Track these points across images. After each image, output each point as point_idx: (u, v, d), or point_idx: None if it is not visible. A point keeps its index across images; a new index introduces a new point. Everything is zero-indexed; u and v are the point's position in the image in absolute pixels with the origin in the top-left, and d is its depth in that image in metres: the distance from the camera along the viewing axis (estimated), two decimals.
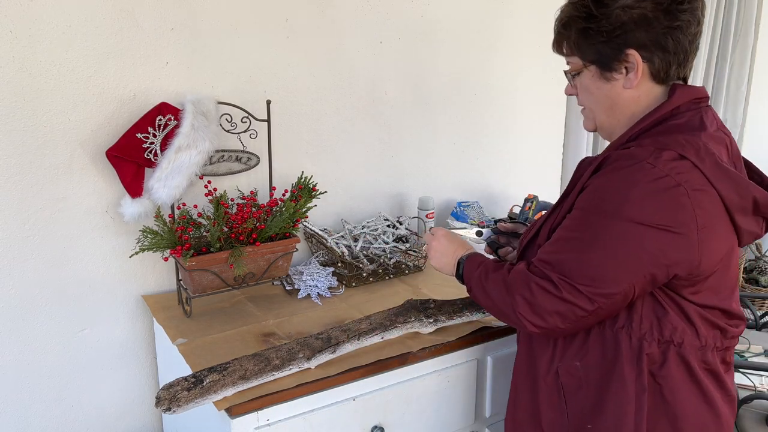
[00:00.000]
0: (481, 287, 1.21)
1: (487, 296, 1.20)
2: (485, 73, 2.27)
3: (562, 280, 1.07)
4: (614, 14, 1.07)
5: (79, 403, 1.72)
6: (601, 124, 1.19)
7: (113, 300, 1.72)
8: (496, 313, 1.20)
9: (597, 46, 1.10)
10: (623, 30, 1.07)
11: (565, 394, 1.18)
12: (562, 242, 1.10)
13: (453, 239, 1.38)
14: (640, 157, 1.03)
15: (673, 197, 1.00)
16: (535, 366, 1.24)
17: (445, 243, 1.37)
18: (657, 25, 1.06)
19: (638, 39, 1.07)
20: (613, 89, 1.13)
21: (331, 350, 1.34)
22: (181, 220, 1.56)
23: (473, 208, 2.24)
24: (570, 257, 1.08)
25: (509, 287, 1.14)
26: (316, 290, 1.73)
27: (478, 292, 1.23)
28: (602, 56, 1.11)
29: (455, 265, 1.32)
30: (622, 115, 1.15)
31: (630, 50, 1.08)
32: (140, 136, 1.56)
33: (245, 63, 1.77)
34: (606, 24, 1.07)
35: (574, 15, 1.11)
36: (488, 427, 1.63)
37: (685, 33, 1.07)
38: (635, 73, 1.09)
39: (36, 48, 1.49)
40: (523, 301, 1.11)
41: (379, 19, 1.98)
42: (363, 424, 1.39)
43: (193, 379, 1.20)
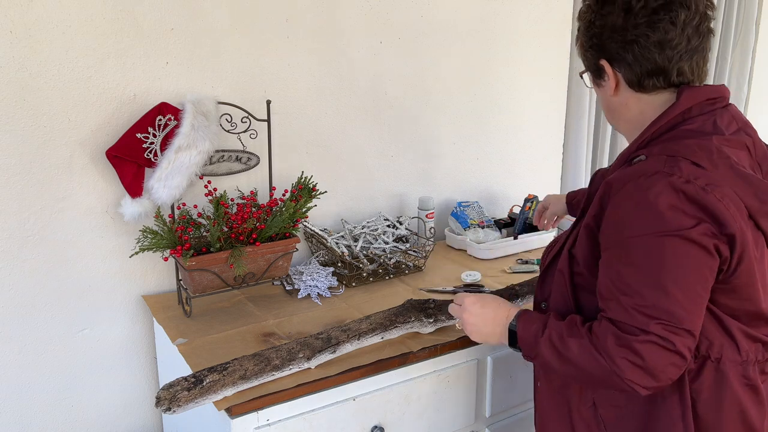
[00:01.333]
0: (557, 355, 1.07)
1: (567, 364, 1.07)
2: (485, 73, 2.27)
3: (665, 328, 0.98)
4: (589, 25, 1.13)
5: (79, 403, 1.72)
6: (610, 124, 1.27)
7: (113, 300, 1.72)
8: (584, 380, 1.10)
9: (584, 54, 1.17)
10: (594, 42, 1.12)
11: (606, 427, 1.13)
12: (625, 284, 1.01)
13: (486, 303, 1.24)
14: (653, 168, 1.01)
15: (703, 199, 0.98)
16: (566, 396, 1.18)
17: (479, 311, 1.23)
18: (617, 38, 1.09)
19: (608, 50, 1.11)
20: (605, 95, 1.17)
21: (331, 350, 1.34)
22: (181, 220, 1.56)
23: (473, 208, 2.23)
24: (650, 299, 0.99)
25: (604, 352, 1.01)
26: (316, 290, 1.73)
27: (552, 360, 1.08)
28: (589, 64, 1.17)
29: (505, 335, 1.18)
30: (618, 118, 1.18)
31: (602, 61, 1.12)
32: (140, 136, 1.56)
33: (245, 63, 1.77)
34: (583, 36, 1.15)
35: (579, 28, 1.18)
36: (488, 427, 1.63)
37: (644, 45, 1.06)
38: (610, 82, 1.13)
39: (36, 48, 1.49)
40: (630, 365, 0.98)
41: (379, 19, 1.98)
42: (363, 424, 1.39)
43: (193, 379, 1.20)
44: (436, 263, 2.00)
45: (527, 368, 1.64)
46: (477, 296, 1.27)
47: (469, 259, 2.06)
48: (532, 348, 1.12)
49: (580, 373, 1.06)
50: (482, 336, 1.24)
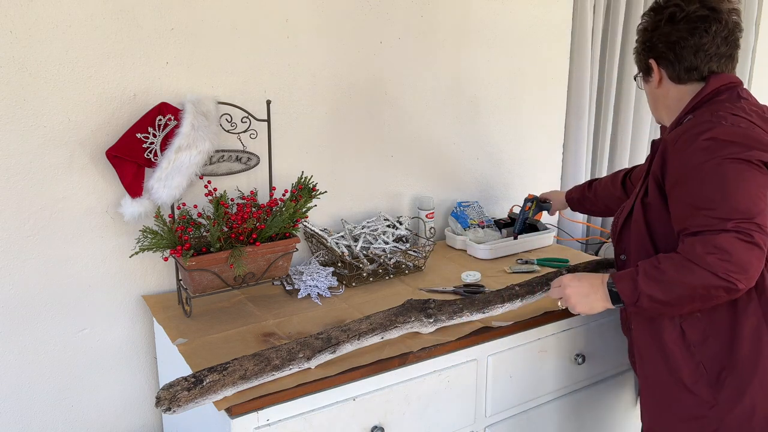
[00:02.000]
0: (658, 283, 1.24)
1: (669, 287, 1.23)
2: (485, 73, 2.27)
3: (739, 224, 1.18)
4: (643, 31, 1.43)
5: (79, 403, 1.72)
6: (653, 115, 1.51)
7: (113, 300, 1.72)
8: (689, 296, 1.23)
9: (638, 57, 1.47)
10: (646, 45, 1.42)
11: (694, 346, 1.33)
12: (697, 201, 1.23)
13: (581, 276, 1.41)
14: (703, 119, 1.28)
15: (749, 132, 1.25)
16: (658, 330, 1.38)
17: (578, 283, 1.40)
18: (663, 41, 1.37)
19: (656, 51, 1.40)
20: (650, 88, 1.46)
21: (331, 350, 1.34)
22: (181, 220, 1.56)
23: (473, 208, 2.24)
24: (721, 204, 1.20)
25: (694, 258, 1.20)
26: (316, 290, 1.73)
27: (654, 291, 1.25)
28: (640, 65, 1.47)
29: (607, 296, 1.34)
30: (660, 107, 1.46)
31: (651, 60, 1.42)
32: (140, 136, 1.56)
33: (245, 63, 1.77)
34: (641, 42, 1.44)
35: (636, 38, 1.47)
36: (488, 427, 1.63)
37: (683, 47, 1.35)
38: (655, 77, 1.42)
39: (36, 48, 1.49)
40: (719, 261, 1.17)
41: (379, 19, 1.98)
42: (363, 424, 1.39)
43: (193, 379, 1.20)
44: (436, 263, 2.00)
45: (527, 368, 1.65)
46: (572, 274, 1.46)
47: (469, 259, 2.06)
48: (633, 291, 1.27)
49: (682, 290, 1.22)
50: (588, 303, 1.38)
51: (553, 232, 2.20)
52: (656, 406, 1.44)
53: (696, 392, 1.34)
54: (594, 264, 1.78)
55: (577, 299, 1.39)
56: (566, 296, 1.41)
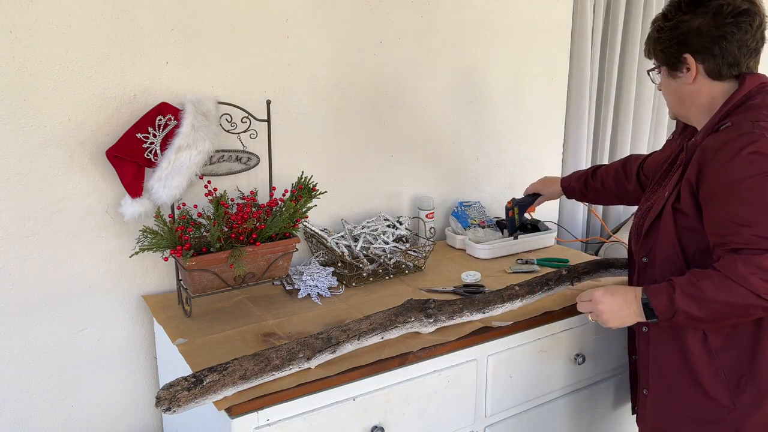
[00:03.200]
0: (695, 300, 1.23)
1: (708, 304, 1.22)
2: (485, 73, 2.27)
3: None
4: (675, 26, 1.34)
5: (79, 403, 1.72)
6: (676, 113, 1.45)
7: (113, 300, 1.72)
8: (727, 314, 1.23)
9: (665, 51, 1.37)
10: (681, 39, 1.33)
11: (715, 352, 1.33)
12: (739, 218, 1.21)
13: (613, 291, 1.39)
14: (744, 129, 1.24)
15: None
16: (678, 334, 1.36)
17: (611, 299, 1.37)
18: (706, 35, 1.30)
19: (693, 45, 1.32)
20: (679, 85, 1.39)
21: (331, 350, 1.34)
22: (181, 220, 1.56)
23: (474, 208, 2.24)
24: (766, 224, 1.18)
25: (736, 278, 1.19)
26: (316, 290, 1.73)
27: (691, 308, 1.24)
28: (668, 59, 1.37)
29: (640, 311, 1.33)
30: (690, 105, 1.39)
31: (686, 54, 1.33)
32: (140, 136, 1.56)
33: (245, 63, 1.77)
34: (670, 33, 1.35)
35: (653, 28, 1.40)
36: (488, 427, 1.63)
37: (730, 41, 1.29)
38: (691, 73, 1.34)
39: (36, 48, 1.49)
40: (760, 281, 1.17)
41: (379, 19, 1.98)
42: (363, 424, 1.39)
43: (193, 379, 1.20)
44: (436, 263, 2.00)
45: (527, 368, 1.65)
46: (603, 287, 1.41)
47: (469, 259, 2.06)
48: (670, 308, 1.27)
49: (721, 308, 1.22)
50: (621, 319, 1.37)
51: (553, 233, 2.20)
52: (669, 407, 1.43)
53: (714, 396, 1.34)
54: (594, 264, 1.78)
55: (610, 315, 1.37)
56: (598, 311, 1.39)
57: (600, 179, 1.86)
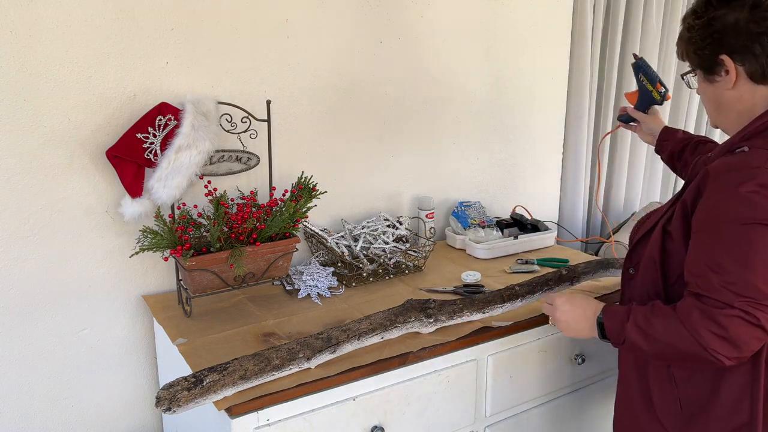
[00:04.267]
0: (644, 335, 1.17)
1: (654, 342, 1.16)
2: (485, 73, 2.27)
3: (750, 304, 1.06)
4: (707, 24, 1.18)
5: (79, 403, 1.72)
6: (714, 121, 1.29)
7: (113, 300, 1.72)
8: (670, 356, 1.17)
9: (698, 53, 1.22)
10: (716, 38, 1.18)
11: (677, 384, 1.25)
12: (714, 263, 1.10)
13: (575, 302, 1.34)
14: (754, 161, 1.10)
15: None
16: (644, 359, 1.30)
17: (570, 309, 1.34)
18: (744, 32, 1.14)
19: (730, 45, 1.16)
20: (717, 90, 1.23)
21: (331, 350, 1.34)
22: (181, 220, 1.56)
23: (474, 208, 2.24)
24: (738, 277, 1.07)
25: (688, 325, 1.10)
26: (316, 290, 1.73)
27: (639, 341, 1.18)
28: (703, 62, 1.22)
29: (594, 327, 1.29)
30: (729, 112, 1.23)
31: (723, 56, 1.17)
32: (140, 136, 1.56)
33: (245, 63, 1.77)
34: (702, 33, 1.19)
35: (683, 27, 1.25)
36: (488, 427, 1.63)
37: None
38: (730, 76, 1.18)
39: (36, 48, 1.49)
40: (713, 336, 1.08)
41: (379, 19, 1.98)
42: (363, 424, 1.39)
43: (193, 379, 1.20)
44: (436, 263, 2.00)
45: (527, 368, 1.65)
46: (567, 296, 1.37)
47: (469, 259, 2.06)
48: (620, 334, 1.22)
49: (665, 348, 1.15)
50: (574, 331, 1.35)
51: (553, 233, 2.20)
52: (624, 427, 1.40)
53: (666, 426, 1.27)
54: (594, 264, 1.78)
55: (565, 325, 1.36)
56: (555, 318, 1.37)
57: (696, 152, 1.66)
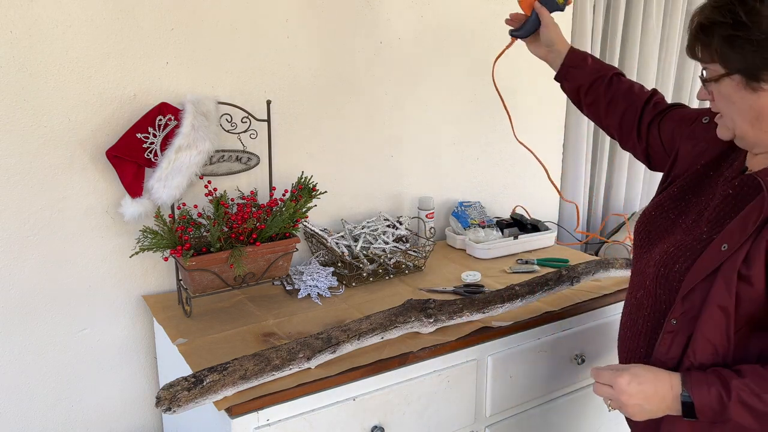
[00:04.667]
0: (754, 415, 1.00)
1: None
2: (485, 73, 2.26)
3: None
4: (765, 20, 0.97)
5: (79, 403, 1.72)
6: (742, 134, 1.08)
7: (113, 300, 1.72)
8: None
9: (745, 55, 0.99)
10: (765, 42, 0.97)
11: None
12: None
13: (642, 380, 1.08)
14: None
15: None
16: None
17: (638, 389, 1.08)
18: None
19: None
20: (760, 100, 1.02)
21: (331, 350, 1.34)
22: (181, 220, 1.56)
23: (474, 208, 2.23)
24: None
25: None
26: (316, 290, 1.73)
27: (749, 422, 1.01)
28: (750, 66, 1.00)
29: (677, 407, 1.06)
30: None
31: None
32: (140, 136, 1.56)
33: (245, 63, 1.77)
34: (757, 33, 0.97)
35: (719, 20, 1.00)
36: (488, 427, 1.63)
37: None
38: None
39: (36, 48, 1.49)
40: None
41: (379, 19, 1.98)
42: (363, 424, 1.39)
43: (193, 379, 1.20)
44: (436, 263, 2.00)
45: (527, 368, 1.65)
46: (629, 374, 1.09)
47: (469, 259, 2.06)
48: (719, 415, 1.02)
49: None
50: (649, 414, 1.09)
51: (553, 232, 2.20)
52: None
53: None
54: (594, 264, 1.78)
55: (637, 410, 1.08)
56: (621, 403, 1.09)
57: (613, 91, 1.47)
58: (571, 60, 1.51)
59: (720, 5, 1.01)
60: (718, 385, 1.01)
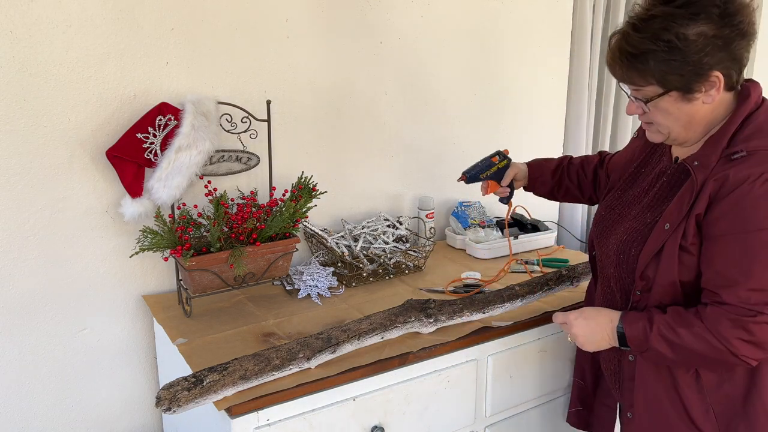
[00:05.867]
0: (669, 344, 1.17)
1: (681, 350, 1.17)
2: (485, 73, 2.27)
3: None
4: (698, 44, 1.09)
5: (79, 403, 1.72)
6: (675, 136, 1.22)
7: (113, 300, 1.72)
8: (697, 362, 1.20)
9: (683, 75, 1.12)
10: (707, 55, 1.10)
11: (707, 391, 1.23)
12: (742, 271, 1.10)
13: (588, 315, 1.32)
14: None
15: None
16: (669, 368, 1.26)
17: (584, 322, 1.31)
18: (733, 43, 1.10)
19: (720, 59, 1.11)
20: (694, 107, 1.16)
21: (331, 350, 1.34)
22: (181, 220, 1.56)
23: (475, 208, 2.23)
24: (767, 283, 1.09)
25: (718, 335, 1.12)
26: (316, 290, 1.73)
27: (664, 350, 1.18)
28: (688, 83, 1.13)
29: (614, 337, 1.26)
30: (699, 126, 1.19)
31: (716, 72, 1.11)
32: (140, 136, 1.56)
33: (245, 63, 1.77)
34: (693, 54, 1.10)
35: (651, 49, 1.11)
36: (488, 427, 1.63)
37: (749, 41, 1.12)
38: (717, 90, 1.13)
39: (36, 48, 1.49)
40: (743, 343, 1.11)
41: (379, 19, 1.98)
42: (363, 424, 1.39)
43: (193, 379, 1.20)
44: (436, 263, 2.00)
45: (527, 368, 1.65)
46: (578, 312, 1.34)
47: (469, 259, 2.06)
48: (643, 344, 1.21)
49: (693, 357, 1.17)
50: (594, 344, 1.31)
51: (553, 232, 2.20)
52: None
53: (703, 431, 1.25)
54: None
55: (584, 339, 1.31)
56: (573, 335, 1.33)
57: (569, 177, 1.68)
58: (535, 173, 1.72)
59: (646, 34, 1.12)
60: (645, 320, 1.21)
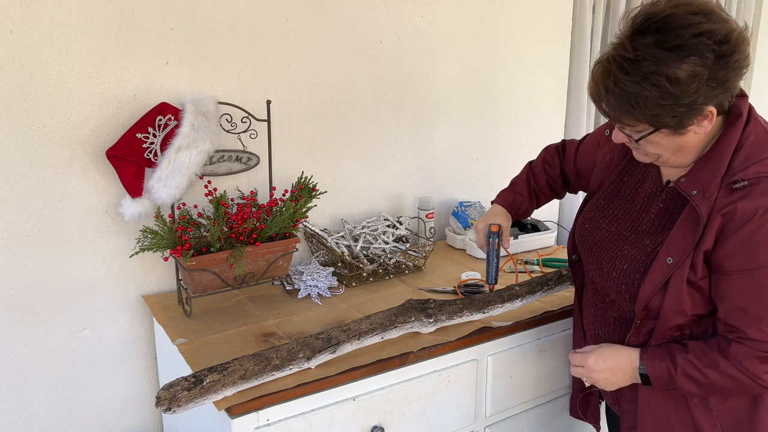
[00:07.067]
0: (698, 385, 1.18)
1: (707, 388, 1.18)
2: (485, 73, 2.27)
3: None
4: (691, 87, 1.05)
5: (79, 403, 1.72)
6: (664, 161, 1.20)
7: (113, 300, 1.72)
8: (725, 394, 1.21)
9: (675, 115, 1.09)
10: (701, 96, 1.06)
11: (714, 404, 1.24)
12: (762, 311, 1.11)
13: (606, 356, 1.28)
14: None
15: None
16: None
17: (604, 365, 1.28)
18: (725, 78, 1.07)
19: (714, 95, 1.08)
20: (685, 138, 1.14)
21: (331, 350, 1.34)
22: (181, 220, 1.56)
23: (475, 208, 2.23)
24: None
25: (749, 373, 1.13)
26: (316, 290, 1.73)
27: (693, 389, 1.19)
28: (680, 121, 1.10)
29: (636, 377, 1.25)
30: (690, 152, 1.18)
31: (710, 107, 1.09)
32: (140, 136, 1.56)
33: (245, 63, 1.77)
34: (687, 98, 1.06)
35: (644, 95, 1.07)
36: (488, 427, 1.63)
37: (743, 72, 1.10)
38: (709, 121, 1.11)
39: (36, 48, 1.49)
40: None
41: (379, 19, 1.98)
42: (363, 424, 1.39)
43: (193, 379, 1.20)
44: (436, 263, 2.00)
45: (527, 368, 1.65)
46: (595, 354, 1.30)
47: (469, 259, 2.06)
48: (669, 384, 1.20)
49: (720, 391, 1.18)
50: (616, 384, 1.29)
51: (553, 232, 2.20)
52: None
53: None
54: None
55: (607, 382, 1.29)
56: (593, 380, 1.31)
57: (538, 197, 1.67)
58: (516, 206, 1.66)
59: (636, 78, 1.07)
60: (668, 360, 1.19)
